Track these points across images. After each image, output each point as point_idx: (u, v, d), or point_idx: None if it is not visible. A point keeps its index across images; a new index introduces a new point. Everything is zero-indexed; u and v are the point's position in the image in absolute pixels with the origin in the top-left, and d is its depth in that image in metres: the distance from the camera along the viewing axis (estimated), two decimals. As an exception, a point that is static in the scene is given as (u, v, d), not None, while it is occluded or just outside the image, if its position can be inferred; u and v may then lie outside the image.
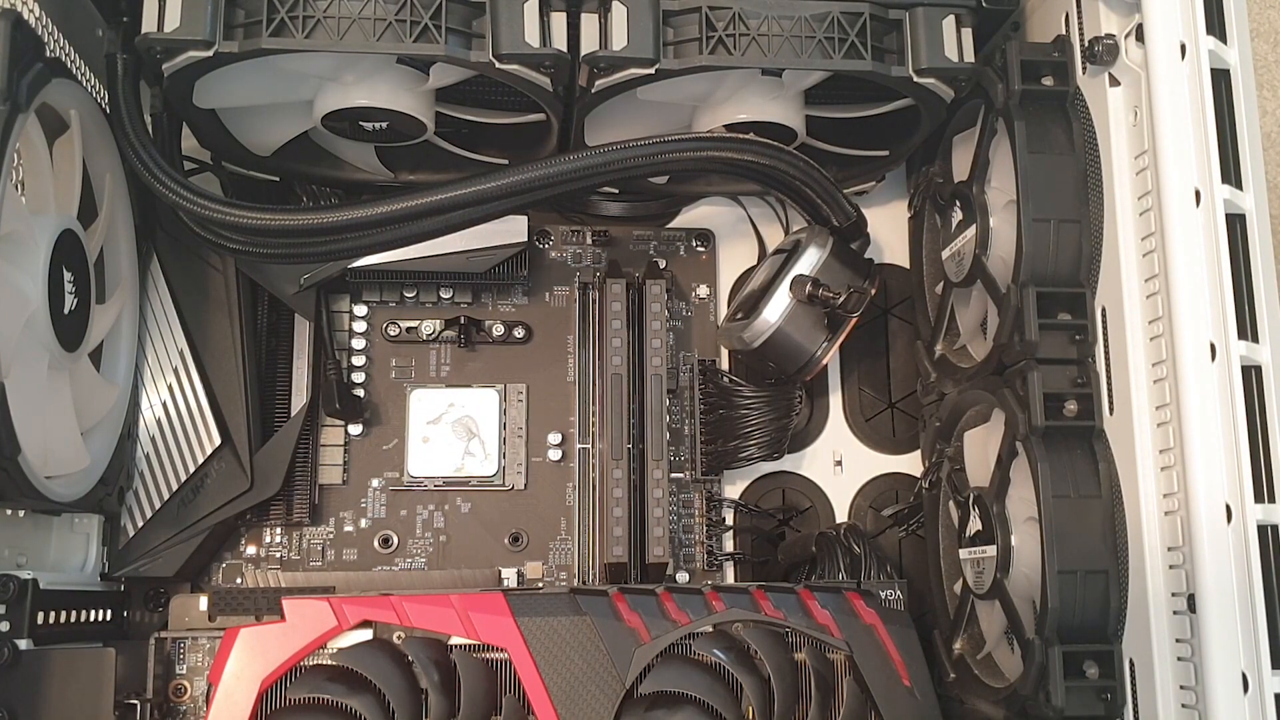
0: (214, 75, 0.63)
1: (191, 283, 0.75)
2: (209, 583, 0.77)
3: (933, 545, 0.77)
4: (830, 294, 0.71)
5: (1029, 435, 0.63)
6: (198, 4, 0.59)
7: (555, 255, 0.84)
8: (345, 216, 0.63)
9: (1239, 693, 0.53)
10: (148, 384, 0.74)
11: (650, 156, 0.65)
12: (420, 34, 0.60)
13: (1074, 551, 0.61)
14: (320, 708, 0.61)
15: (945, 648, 0.73)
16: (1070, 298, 0.64)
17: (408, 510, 0.79)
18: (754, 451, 0.80)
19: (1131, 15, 0.61)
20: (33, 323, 0.59)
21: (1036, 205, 0.64)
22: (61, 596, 0.64)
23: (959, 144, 0.76)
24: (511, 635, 0.63)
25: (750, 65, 0.65)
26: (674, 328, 0.84)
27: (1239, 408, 0.55)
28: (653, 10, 0.63)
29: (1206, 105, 0.58)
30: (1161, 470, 0.59)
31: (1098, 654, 0.61)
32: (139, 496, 0.73)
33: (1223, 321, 0.56)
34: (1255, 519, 0.54)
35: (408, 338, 0.81)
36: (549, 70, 0.63)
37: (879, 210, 0.85)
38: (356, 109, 0.68)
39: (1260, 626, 0.53)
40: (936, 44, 0.65)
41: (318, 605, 0.63)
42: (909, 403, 0.84)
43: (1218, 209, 0.57)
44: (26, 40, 0.57)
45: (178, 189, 0.63)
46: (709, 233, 0.86)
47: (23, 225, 0.58)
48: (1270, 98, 1.14)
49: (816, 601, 0.67)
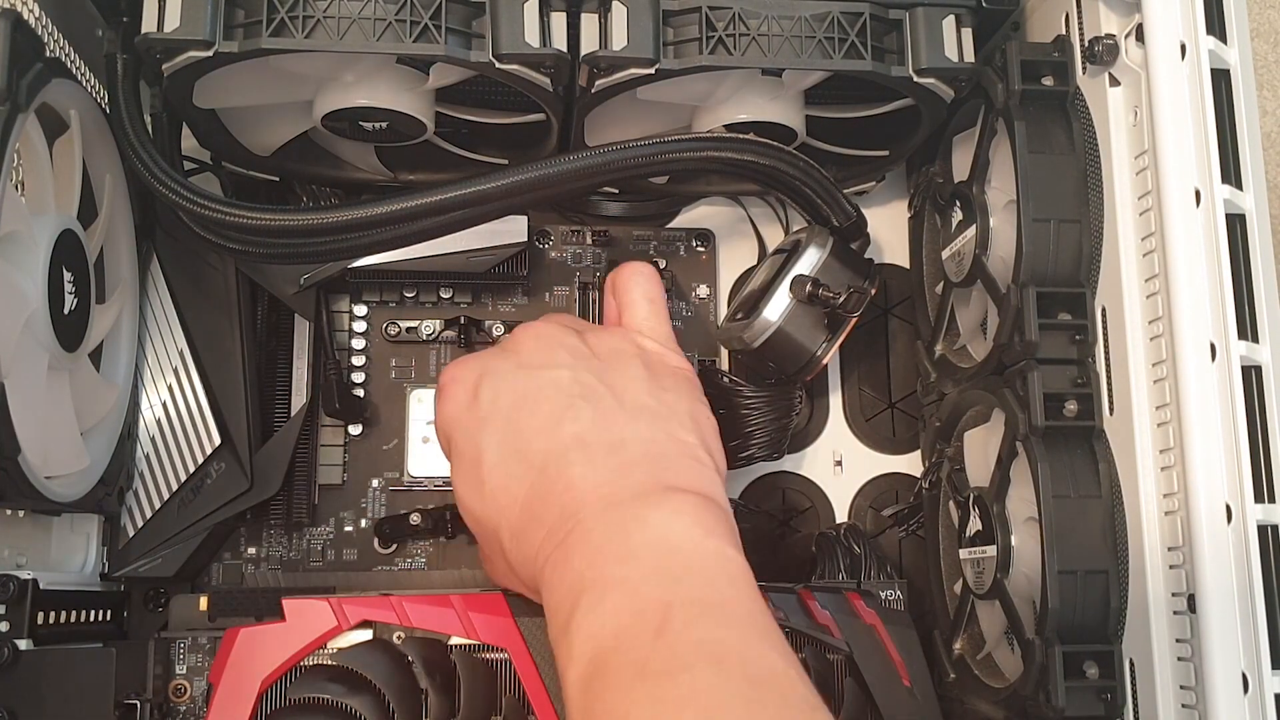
0: (214, 75, 0.63)
1: (191, 283, 0.75)
2: (209, 583, 0.77)
3: (933, 545, 0.77)
4: (830, 294, 0.71)
5: (1029, 435, 0.63)
6: (198, 4, 0.59)
7: (555, 255, 0.84)
8: (345, 216, 0.63)
9: (1239, 693, 0.53)
10: (147, 384, 0.74)
11: (650, 156, 0.65)
12: (420, 34, 0.60)
13: (1074, 551, 0.61)
14: (320, 708, 0.61)
15: (945, 648, 0.73)
16: (1070, 298, 0.64)
17: (408, 510, 0.79)
18: (754, 451, 0.79)
19: (1131, 15, 0.61)
20: (32, 323, 0.59)
21: (1036, 205, 0.65)
22: (61, 597, 0.64)
23: (959, 144, 0.76)
24: (511, 635, 0.63)
25: (750, 65, 0.65)
26: (674, 328, 0.83)
27: (1239, 408, 0.55)
28: (653, 10, 0.63)
29: (1206, 105, 0.58)
30: (1161, 470, 0.59)
31: (1098, 654, 0.61)
32: (139, 497, 0.73)
33: (1223, 321, 0.56)
34: (1255, 519, 0.54)
35: (408, 338, 0.81)
36: (549, 70, 0.63)
37: (879, 210, 0.85)
38: (356, 109, 0.68)
39: (1260, 626, 0.53)
40: (936, 44, 0.65)
41: (318, 605, 0.63)
42: (909, 403, 0.84)
43: (1218, 209, 0.57)
44: (26, 40, 0.57)
45: (178, 189, 0.63)
46: (709, 233, 0.86)
47: (22, 225, 0.58)
48: (1270, 98, 1.14)
49: (816, 602, 0.67)
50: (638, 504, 0.49)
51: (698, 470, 0.53)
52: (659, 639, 0.43)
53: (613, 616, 0.45)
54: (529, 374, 0.56)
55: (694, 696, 0.41)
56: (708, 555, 0.47)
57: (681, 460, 0.53)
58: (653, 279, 0.63)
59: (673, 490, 0.50)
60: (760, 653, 0.44)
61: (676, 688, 0.41)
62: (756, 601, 0.46)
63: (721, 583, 0.47)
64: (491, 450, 0.54)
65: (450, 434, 0.58)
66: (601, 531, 0.48)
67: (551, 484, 0.51)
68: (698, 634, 0.43)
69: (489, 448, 0.54)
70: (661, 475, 0.51)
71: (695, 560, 0.47)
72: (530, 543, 0.51)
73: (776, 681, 0.43)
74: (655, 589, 0.45)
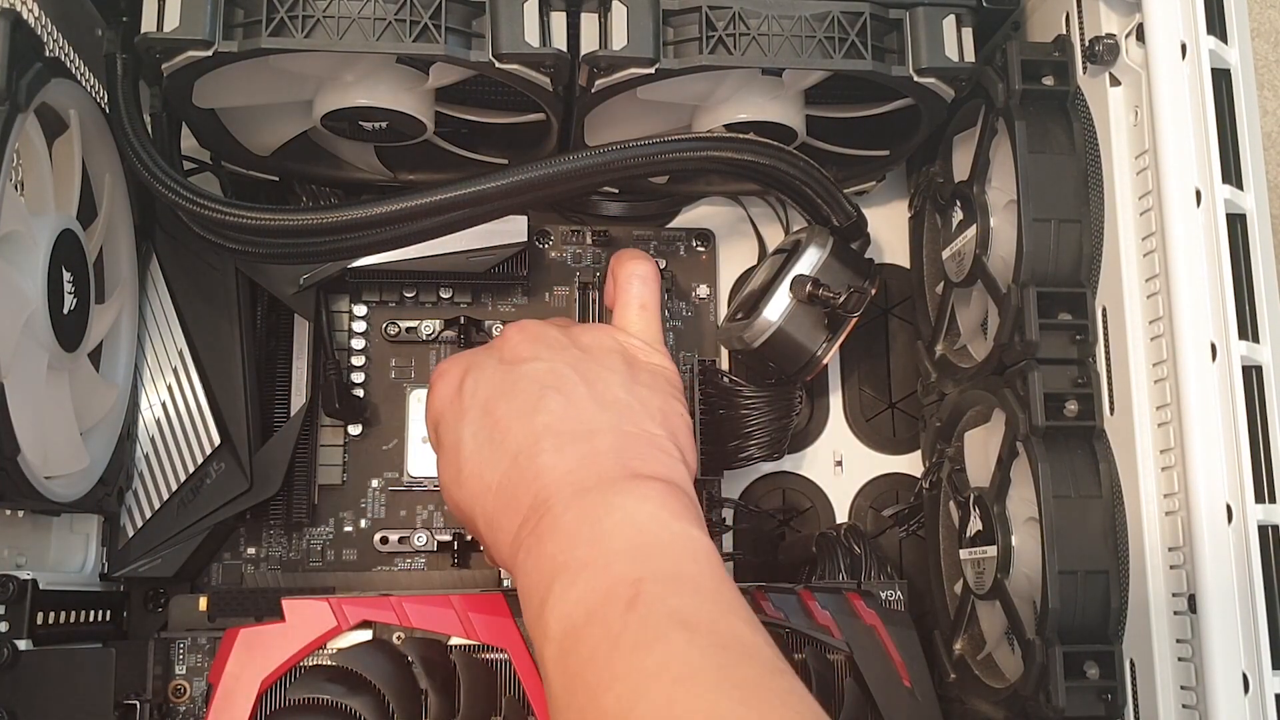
0: (214, 75, 0.63)
1: (191, 283, 0.75)
2: (209, 583, 0.77)
3: (933, 546, 0.77)
4: (830, 294, 0.71)
5: (1029, 435, 0.63)
6: (197, 4, 0.59)
7: (555, 255, 0.84)
8: (345, 216, 0.63)
9: (1239, 693, 0.53)
10: (147, 384, 0.74)
11: (650, 156, 0.65)
12: (420, 34, 0.60)
13: (1074, 552, 0.61)
14: (320, 708, 0.61)
15: (946, 648, 0.73)
16: (1071, 298, 0.64)
17: (407, 510, 0.79)
18: (754, 452, 0.79)
19: (1132, 15, 0.61)
20: (32, 323, 0.59)
21: (1037, 205, 0.64)
22: (61, 597, 0.64)
23: (959, 144, 0.76)
24: (511, 636, 0.63)
25: (750, 65, 0.65)
26: (674, 328, 0.83)
27: (1240, 408, 0.55)
28: (653, 10, 0.63)
29: (1207, 105, 0.58)
30: (1162, 470, 0.59)
31: (1098, 654, 0.61)
32: (138, 497, 0.73)
33: (1223, 321, 0.56)
34: (1256, 519, 0.54)
35: (407, 338, 0.81)
36: (549, 70, 0.63)
37: (879, 210, 0.85)
38: (356, 109, 0.67)
39: (1261, 627, 0.53)
40: (937, 44, 0.65)
41: (317, 605, 0.63)
42: (909, 403, 0.84)
43: (1218, 209, 0.57)
44: (26, 40, 0.57)
45: (177, 189, 0.63)
46: (709, 233, 0.86)
47: (22, 225, 0.58)
48: (1271, 97, 1.14)
49: (817, 602, 0.67)
50: (606, 490, 0.51)
51: (664, 460, 0.54)
52: (630, 612, 0.44)
53: (586, 594, 0.46)
54: (509, 367, 0.57)
55: (668, 663, 0.42)
56: (675, 536, 0.49)
57: (649, 450, 0.54)
58: (649, 282, 0.64)
59: (640, 477, 0.52)
60: (729, 623, 0.45)
61: (650, 655, 0.42)
62: (723, 578, 0.48)
63: (687, 561, 0.48)
64: (469, 439, 0.56)
65: (436, 426, 0.60)
66: (572, 517, 0.50)
67: (523, 472, 0.53)
68: (668, 606, 0.45)
69: (467, 437, 0.56)
70: (629, 463, 0.52)
71: (663, 540, 0.49)
72: (505, 529, 0.53)
73: (745, 647, 0.44)
74: (625, 567, 0.47)
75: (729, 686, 0.41)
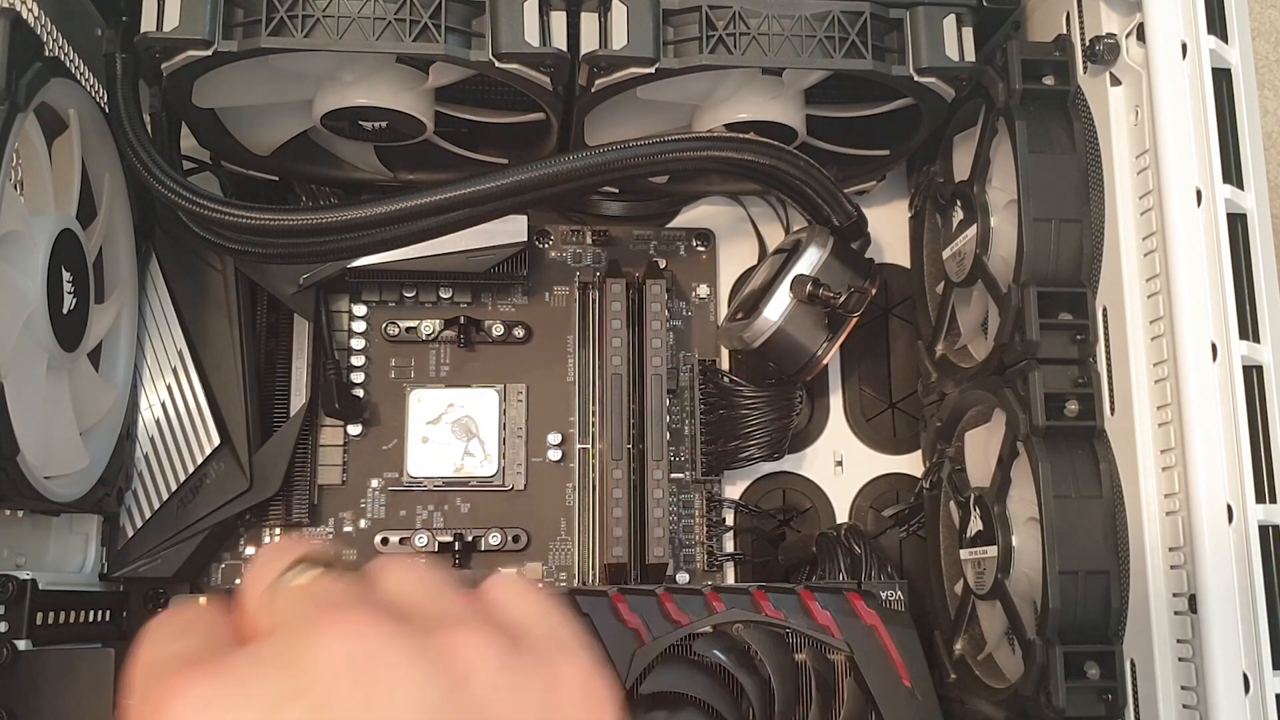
0: (213, 74, 0.63)
1: (190, 283, 0.75)
2: (208, 583, 0.77)
3: (933, 546, 0.77)
4: (831, 294, 0.71)
5: (1030, 435, 0.63)
6: (197, 4, 0.59)
7: (555, 255, 0.84)
8: (345, 216, 0.63)
9: (1240, 693, 0.53)
10: (146, 384, 0.74)
11: (650, 156, 0.65)
12: (420, 33, 0.60)
13: (1075, 552, 0.61)
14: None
15: (946, 648, 0.73)
16: (1071, 297, 0.64)
17: (407, 510, 0.79)
18: (754, 452, 0.79)
19: (1132, 14, 0.61)
20: (31, 323, 0.59)
21: (1037, 205, 0.64)
22: (61, 597, 0.64)
23: (960, 143, 0.76)
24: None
25: (750, 64, 0.65)
26: (674, 328, 0.83)
27: (1240, 408, 0.55)
28: (653, 9, 0.63)
29: (1208, 105, 0.58)
30: (1163, 470, 0.59)
31: (1099, 654, 0.60)
32: (138, 497, 0.73)
33: (1224, 321, 0.56)
34: (1256, 519, 0.54)
35: (407, 338, 0.81)
36: (549, 69, 0.63)
37: (879, 210, 0.85)
38: (356, 108, 0.67)
39: (1261, 627, 0.53)
40: (937, 43, 0.65)
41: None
42: (909, 403, 0.84)
43: (1219, 208, 0.57)
44: (25, 40, 0.56)
45: (177, 189, 0.63)
46: (709, 232, 0.85)
47: (21, 225, 0.58)
48: (1271, 97, 1.14)
49: (817, 602, 0.67)
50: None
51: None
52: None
53: None
54: None
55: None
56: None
57: None
58: None
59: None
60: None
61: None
62: None
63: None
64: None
65: None
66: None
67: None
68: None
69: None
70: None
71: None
72: None
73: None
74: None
75: None
